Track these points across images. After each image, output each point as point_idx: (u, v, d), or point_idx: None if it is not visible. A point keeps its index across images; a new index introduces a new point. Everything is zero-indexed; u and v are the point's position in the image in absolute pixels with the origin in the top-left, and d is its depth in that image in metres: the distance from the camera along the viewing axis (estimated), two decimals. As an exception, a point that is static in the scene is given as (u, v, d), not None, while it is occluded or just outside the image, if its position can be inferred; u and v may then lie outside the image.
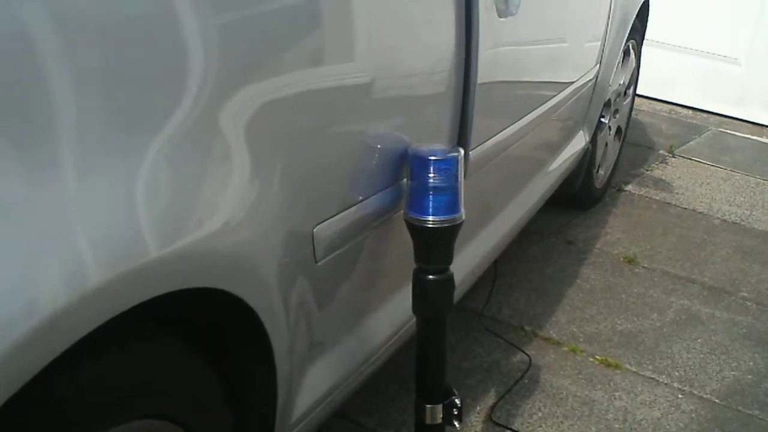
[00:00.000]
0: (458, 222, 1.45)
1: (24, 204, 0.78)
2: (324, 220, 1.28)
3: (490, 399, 2.12)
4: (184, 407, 1.09)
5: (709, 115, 4.78)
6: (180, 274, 0.96)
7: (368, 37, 1.34)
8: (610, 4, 2.74)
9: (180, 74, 0.98)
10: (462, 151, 1.46)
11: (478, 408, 2.08)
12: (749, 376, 2.35)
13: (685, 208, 3.45)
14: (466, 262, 1.94)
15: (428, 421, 1.54)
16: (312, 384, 1.39)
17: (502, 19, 1.72)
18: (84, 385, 0.90)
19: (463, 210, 1.46)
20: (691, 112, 4.84)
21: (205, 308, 1.12)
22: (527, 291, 2.66)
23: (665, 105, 4.90)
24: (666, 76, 4.81)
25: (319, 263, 1.29)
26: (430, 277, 1.48)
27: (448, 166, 1.42)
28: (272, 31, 1.12)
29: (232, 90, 1.06)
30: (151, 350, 1.03)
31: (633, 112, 4.41)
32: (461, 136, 1.67)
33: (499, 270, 2.65)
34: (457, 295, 1.92)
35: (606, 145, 3.26)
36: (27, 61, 0.79)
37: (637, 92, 4.53)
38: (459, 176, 1.44)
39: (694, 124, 4.64)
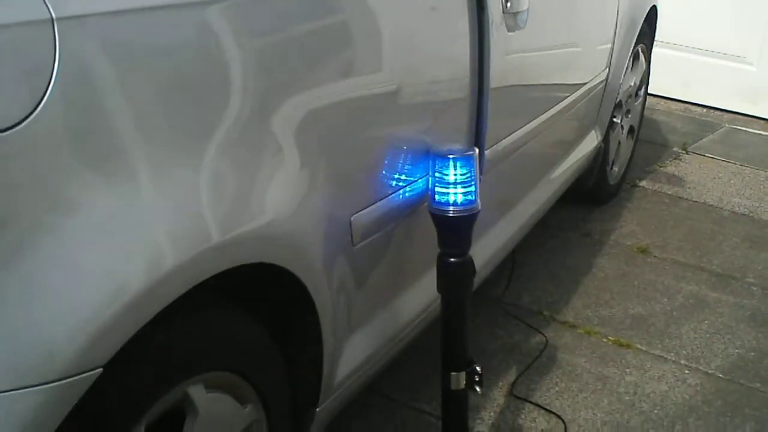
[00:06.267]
0: (475, 212, 1.68)
1: (116, 205, 1.01)
2: (360, 210, 1.51)
3: (511, 376, 2.33)
4: (252, 367, 1.32)
5: (723, 113, 4.96)
6: (241, 253, 1.19)
7: (394, 53, 1.58)
8: (617, 12, 2.94)
9: (238, 88, 1.21)
10: (477, 150, 1.68)
11: (500, 384, 2.29)
12: (752, 354, 2.54)
13: (696, 202, 3.64)
14: (486, 250, 2.16)
15: (453, 387, 1.76)
16: (350, 355, 1.61)
17: (510, 33, 1.94)
18: (176, 341, 1.13)
19: (479, 201, 1.68)
20: (705, 110, 5.02)
21: (270, 291, 1.36)
22: (546, 280, 2.86)
23: (680, 104, 5.08)
24: (681, 76, 5.00)
25: (356, 247, 1.52)
26: (452, 260, 1.70)
27: (465, 163, 1.65)
28: (314, 50, 1.36)
29: (282, 100, 1.29)
30: (228, 321, 1.27)
31: (649, 112, 4.62)
32: (477, 137, 1.90)
33: (519, 261, 2.86)
34: (478, 281, 2.14)
35: (619, 143, 3.46)
36: (114, 88, 1.02)
37: (653, 92, 4.75)
38: (475, 172, 1.66)
39: (708, 121, 4.82)
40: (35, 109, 0.91)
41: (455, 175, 1.64)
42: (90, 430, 1.02)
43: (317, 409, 1.53)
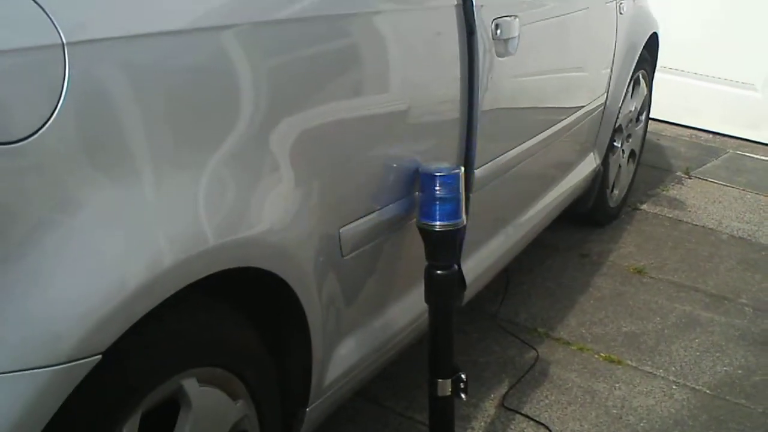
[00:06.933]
0: (460, 226, 1.78)
1: (120, 207, 1.12)
2: (348, 223, 1.62)
3: (503, 388, 2.42)
4: (243, 366, 1.42)
5: (729, 138, 5.05)
6: (235, 257, 1.31)
7: (388, 78, 1.71)
8: (615, 40, 3.05)
9: (236, 108, 1.33)
10: (462, 169, 1.78)
11: (492, 395, 2.38)
12: (740, 371, 2.62)
13: (695, 225, 3.73)
14: (479, 265, 2.26)
15: (440, 394, 1.86)
16: (340, 359, 1.71)
17: (500, 59, 2.05)
18: (171, 336, 1.24)
19: (464, 216, 1.79)
20: (711, 136, 5.11)
21: (262, 297, 1.48)
22: (542, 298, 2.96)
23: (687, 130, 5.17)
24: (687, 102, 5.10)
25: (345, 258, 1.63)
26: (439, 272, 1.80)
27: (451, 180, 1.75)
28: (312, 75, 1.49)
29: (278, 120, 1.41)
30: (222, 322, 1.38)
31: (655, 137, 4.73)
32: (467, 157, 2.00)
33: (517, 279, 2.96)
34: (470, 294, 2.25)
35: (619, 167, 3.55)
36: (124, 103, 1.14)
37: (660, 118, 4.86)
38: (460, 189, 1.77)
39: (712, 147, 4.91)
40: (47, 122, 1.02)
41: (441, 191, 1.75)
42: (89, 414, 1.13)
43: (307, 409, 1.63)
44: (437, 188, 1.75)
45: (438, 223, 1.76)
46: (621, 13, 3.11)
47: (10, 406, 0.99)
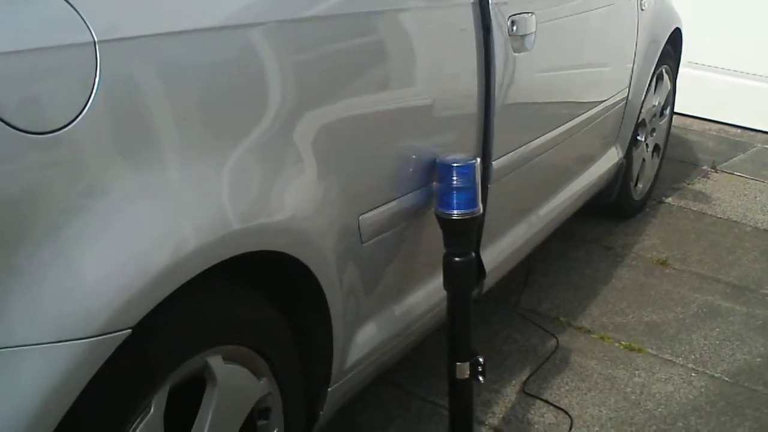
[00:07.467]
0: (477, 215, 1.85)
1: (149, 192, 1.20)
2: (367, 211, 1.69)
3: (524, 375, 2.48)
4: (267, 345, 1.51)
5: (757, 133, 5.06)
6: (259, 241, 1.39)
7: (405, 73, 1.78)
8: (636, 35, 3.10)
9: (262, 102, 1.41)
10: (479, 160, 1.85)
11: (513, 382, 2.45)
12: (758, 359, 2.66)
13: (720, 218, 3.76)
14: (499, 254, 2.33)
15: (458, 376, 1.93)
16: (360, 342, 1.79)
17: (517, 55, 2.11)
18: (198, 314, 1.33)
19: (480, 206, 1.86)
20: (739, 131, 5.12)
21: (285, 283, 1.56)
22: (565, 288, 3.02)
23: (715, 125, 5.19)
24: (716, 97, 5.13)
25: (365, 244, 1.71)
26: (456, 259, 1.87)
27: (467, 171, 1.82)
28: (336, 70, 1.57)
29: (302, 113, 1.49)
30: (246, 303, 1.47)
31: (682, 132, 4.76)
32: (484, 149, 2.07)
33: (541, 270, 3.03)
34: (489, 282, 2.32)
35: (643, 161, 3.60)
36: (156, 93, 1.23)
37: (688, 113, 4.89)
38: (477, 179, 1.84)
39: (741, 141, 4.93)
40: (79, 114, 1.11)
41: (458, 181, 1.82)
42: (122, 385, 1.21)
43: (329, 389, 1.71)
44: (454, 178, 1.82)
45: (455, 211, 1.83)
46: (642, 9, 3.15)
47: (48, 374, 1.08)
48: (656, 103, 3.58)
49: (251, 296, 1.49)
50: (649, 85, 3.37)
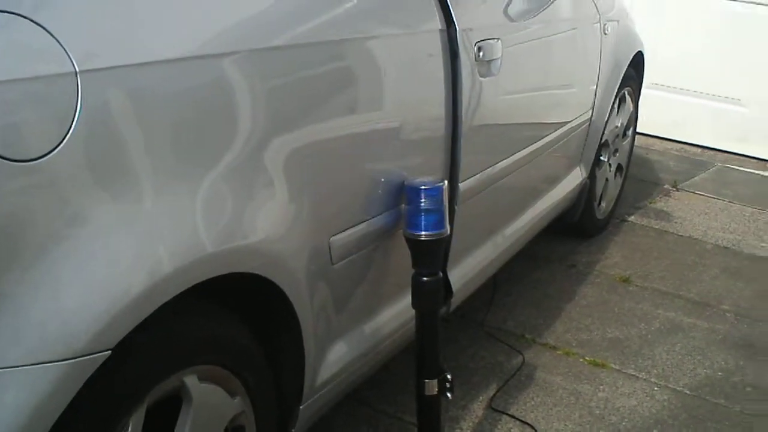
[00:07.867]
0: (444, 236, 1.90)
1: (125, 219, 1.24)
2: (337, 233, 1.74)
3: (491, 391, 2.54)
4: (240, 365, 1.55)
5: (717, 152, 5.19)
6: (230, 264, 1.43)
7: (374, 98, 1.84)
8: (599, 59, 3.18)
9: (234, 128, 1.45)
10: (446, 182, 1.91)
11: (480, 398, 2.50)
12: (720, 373, 2.73)
13: (681, 236, 3.85)
14: (466, 273, 2.38)
15: (427, 393, 1.98)
16: (331, 360, 1.83)
17: (483, 79, 2.18)
18: (173, 336, 1.37)
19: (448, 226, 1.91)
20: (700, 150, 5.25)
21: (257, 304, 1.60)
22: (530, 306, 3.08)
23: (676, 144, 5.31)
24: (676, 117, 5.26)
25: (335, 265, 1.75)
26: (424, 279, 1.92)
27: (435, 193, 1.88)
28: (305, 97, 1.62)
29: (273, 138, 1.54)
30: (220, 324, 1.51)
31: (644, 151, 4.87)
32: (452, 171, 2.13)
33: (506, 289, 3.09)
34: (457, 301, 2.37)
35: (606, 180, 3.68)
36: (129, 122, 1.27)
37: (650, 133, 5.00)
38: (444, 201, 1.89)
39: (701, 160, 5.04)
40: (60, 142, 1.15)
41: (426, 203, 1.87)
42: (100, 406, 1.25)
43: (301, 407, 1.75)
44: (422, 200, 1.87)
45: (423, 233, 1.88)
46: (605, 34, 3.24)
47: (27, 397, 1.12)
48: (619, 124, 3.67)
49: (226, 317, 1.53)
50: (612, 106, 3.46)
